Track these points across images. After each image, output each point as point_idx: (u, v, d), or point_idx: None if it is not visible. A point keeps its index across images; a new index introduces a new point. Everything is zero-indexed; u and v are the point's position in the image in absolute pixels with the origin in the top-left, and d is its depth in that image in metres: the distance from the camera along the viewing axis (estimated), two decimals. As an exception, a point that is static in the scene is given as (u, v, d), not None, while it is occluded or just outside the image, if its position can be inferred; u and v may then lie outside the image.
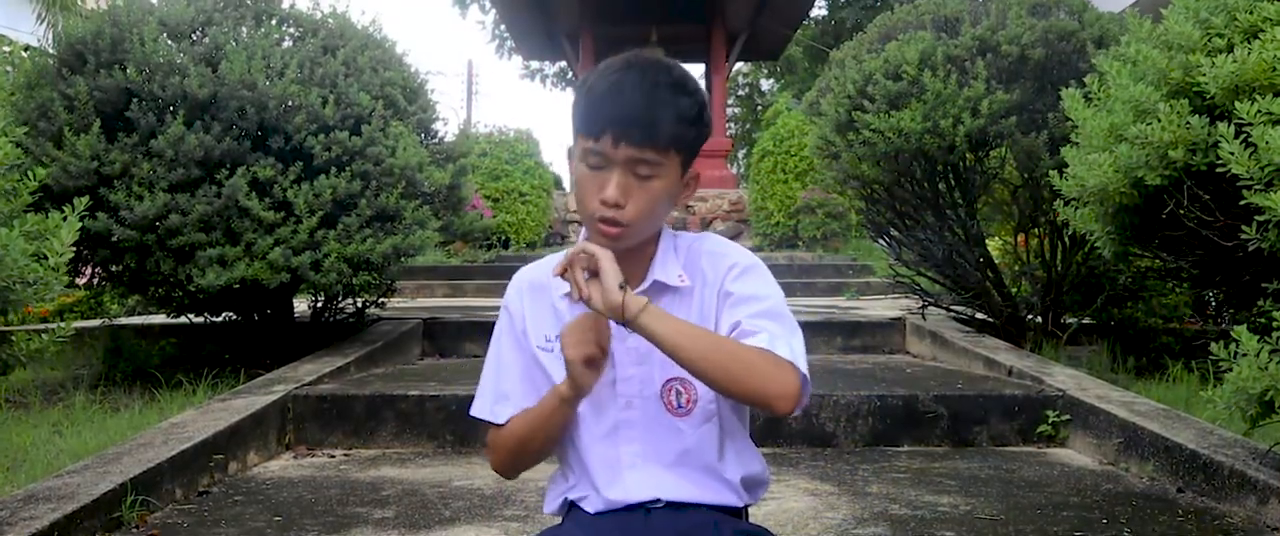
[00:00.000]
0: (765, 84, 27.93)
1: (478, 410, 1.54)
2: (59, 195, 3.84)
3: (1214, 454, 2.86)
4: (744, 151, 24.82)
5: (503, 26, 21.09)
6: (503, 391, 1.53)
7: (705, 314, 1.46)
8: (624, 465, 1.47)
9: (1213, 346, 2.38)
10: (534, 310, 1.54)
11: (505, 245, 11.51)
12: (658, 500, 1.46)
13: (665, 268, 1.48)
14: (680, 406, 1.47)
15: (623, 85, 1.37)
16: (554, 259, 1.53)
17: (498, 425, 1.52)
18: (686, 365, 1.33)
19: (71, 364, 5.19)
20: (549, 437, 1.49)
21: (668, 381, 1.47)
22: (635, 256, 1.48)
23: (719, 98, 15.01)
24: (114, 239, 4.05)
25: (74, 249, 2.81)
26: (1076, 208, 3.22)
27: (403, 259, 4.54)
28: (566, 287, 1.47)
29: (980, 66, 4.56)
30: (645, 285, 1.47)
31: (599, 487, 1.48)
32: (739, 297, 1.43)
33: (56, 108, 4.15)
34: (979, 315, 5.27)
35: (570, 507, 1.53)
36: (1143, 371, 4.57)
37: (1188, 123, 2.51)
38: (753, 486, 1.53)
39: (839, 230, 11.06)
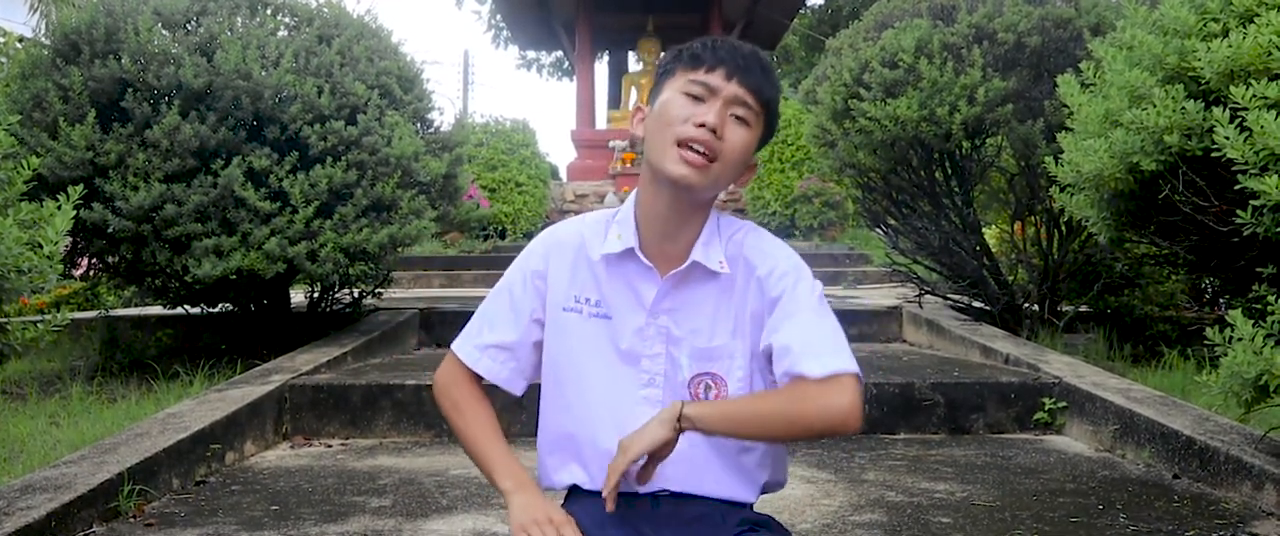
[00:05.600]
0: (762, 73, 27.84)
1: (459, 348, 1.54)
2: (54, 186, 3.83)
3: (1209, 440, 2.87)
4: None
5: (499, 16, 21.01)
6: (485, 342, 1.53)
7: (742, 305, 1.45)
8: None
9: (1208, 331, 2.38)
10: (565, 270, 1.50)
11: (501, 235, 11.49)
12: (665, 489, 1.45)
13: (708, 250, 1.45)
14: (707, 400, 1.44)
15: (738, 43, 1.42)
16: (589, 218, 1.53)
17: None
18: (751, 438, 1.40)
19: (68, 355, 5.18)
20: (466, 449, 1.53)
21: (697, 376, 1.45)
22: (683, 224, 1.45)
23: (716, 87, 14.94)
24: (110, 230, 4.04)
25: (69, 237, 2.81)
26: (1072, 194, 3.21)
27: (399, 248, 4.54)
28: (608, 248, 1.47)
29: (976, 54, 4.56)
30: (684, 265, 1.45)
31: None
32: (783, 309, 1.41)
33: (51, 98, 4.14)
34: (975, 303, 5.27)
35: (572, 489, 1.51)
36: (1139, 359, 4.57)
37: (1183, 108, 2.50)
38: (771, 487, 1.52)
39: (836, 219, 11.04)
